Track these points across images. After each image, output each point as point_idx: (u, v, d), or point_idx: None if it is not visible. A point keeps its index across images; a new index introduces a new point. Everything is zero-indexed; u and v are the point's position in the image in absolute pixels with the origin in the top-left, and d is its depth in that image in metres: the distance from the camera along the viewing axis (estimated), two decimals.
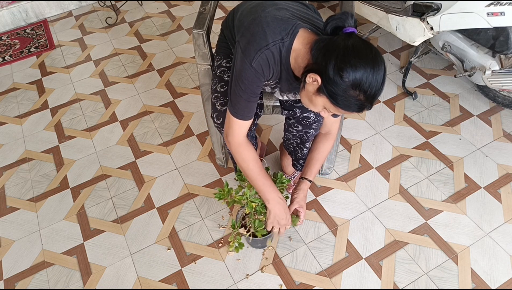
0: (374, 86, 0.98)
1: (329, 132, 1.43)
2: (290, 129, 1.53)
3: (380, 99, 2.18)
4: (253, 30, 1.11)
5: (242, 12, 1.28)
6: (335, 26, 1.02)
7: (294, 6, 1.23)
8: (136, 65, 2.56)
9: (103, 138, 2.13)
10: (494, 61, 1.81)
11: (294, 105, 1.43)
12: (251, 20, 1.15)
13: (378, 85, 0.98)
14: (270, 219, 1.36)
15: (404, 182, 1.82)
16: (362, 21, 2.66)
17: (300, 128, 1.48)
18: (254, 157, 1.27)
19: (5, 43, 2.80)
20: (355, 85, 0.97)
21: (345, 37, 0.99)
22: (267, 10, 1.15)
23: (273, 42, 1.08)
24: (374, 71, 0.96)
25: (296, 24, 1.10)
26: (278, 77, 1.19)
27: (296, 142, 1.59)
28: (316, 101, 1.07)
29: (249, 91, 1.15)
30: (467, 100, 2.14)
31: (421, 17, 1.82)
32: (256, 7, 1.21)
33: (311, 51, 1.05)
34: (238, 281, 1.56)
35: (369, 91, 0.98)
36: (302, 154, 1.65)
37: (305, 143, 1.58)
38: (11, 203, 1.89)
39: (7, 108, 2.35)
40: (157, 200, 1.84)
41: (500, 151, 1.91)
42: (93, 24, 2.93)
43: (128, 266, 1.64)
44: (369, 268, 1.57)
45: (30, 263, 1.68)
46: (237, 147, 1.25)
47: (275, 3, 1.20)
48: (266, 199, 1.30)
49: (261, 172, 1.28)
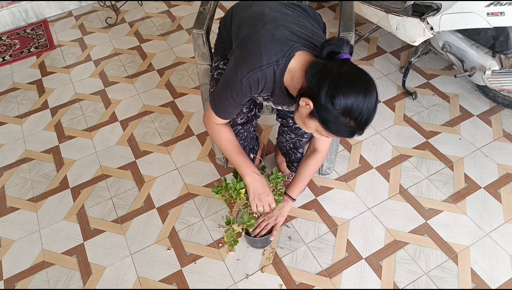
0: (365, 113, 0.99)
1: (319, 150, 1.42)
2: (284, 134, 1.56)
3: (380, 99, 2.18)
4: (250, 47, 1.12)
5: (241, 18, 1.26)
6: (331, 51, 1.03)
7: (294, 21, 1.20)
8: (136, 65, 2.56)
9: (103, 138, 2.13)
10: (494, 61, 1.81)
11: (288, 115, 1.44)
12: (249, 35, 1.15)
13: (370, 112, 1.00)
14: (251, 195, 1.36)
15: (404, 182, 1.82)
16: (362, 21, 2.67)
17: (293, 136, 1.51)
18: (230, 137, 1.30)
19: (5, 43, 2.80)
20: (346, 112, 0.98)
21: (340, 64, 1.00)
22: (266, 27, 1.14)
23: (267, 64, 1.09)
24: (366, 98, 0.98)
25: (293, 47, 1.09)
26: (270, 92, 1.20)
27: (289, 146, 1.62)
28: (308, 123, 1.09)
29: (234, 101, 1.18)
30: (467, 100, 2.14)
31: (421, 17, 1.82)
32: (256, 20, 1.18)
33: (306, 74, 1.06)
34: (238, 281, 1.56)
35: (359, 119, 0.99)
36: (296, 158, 1.69)
37: (298, 149, 1.62)
38: (11, 203, 1.89)
39: (7, 108, 2.35)
40: (157, 200, 1.84)
41: (500, 151, 1.91)
42: (93, 24, 2.93)
43: (128, 266, 1.64)
44: (369, 268, 1.57)
45: (30, 263, 1.68)
46: (213, 128, 1.29)
47: (275, 18, 1.17)
48: (243, 174, 1.33)
49: (237, 150, 1.31)
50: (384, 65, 2.38)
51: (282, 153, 1.73)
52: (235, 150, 1.31)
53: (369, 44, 2.52)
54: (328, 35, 2.61)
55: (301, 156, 1.69)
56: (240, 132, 1.51)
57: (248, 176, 1.32)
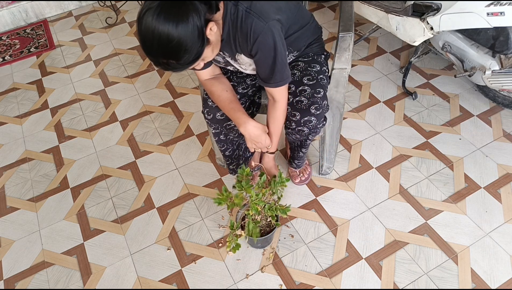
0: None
1: (275, 99, 1.37)
2: (289, 135, 1.54)
3: (380, 99, 2.18)
4: None
5: None
6: None
7: None
8: (136, 65, 2.56)
9: (103, 138, 2.13)
10: (494, 61, 1.81)
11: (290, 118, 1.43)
12: None
13: None
14: (247, 139, 1.43)
15: (404, 182, 1.82)
16: (362, 21, 2.67)
17: (298, 137, 1.49)
18: (223, 88, 1.35)
19: (5, 43, 2.80)
20: None
21: None
22: None
23: None
24: None
25: None
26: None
27: (296, 144, 1.63)
28: None
29: None
30: (467, 100, 2.14)
31: (421, 17, 1.82)
32: None
33: None
34: (238, 281, 1.56)
35: None
36: (298, 156, 1.71)
37: (301, 148, 1.65)
38: (11, 203, 1.89)
39: (7, 108, 2.35)
40: (157, 200, 1.84)
41: (500, 151, 1.91)
42: (93, 24, 2.93)
43: (128, 266, 1.64)
44: (369, 268, 1.57)
45: (30, 263, 1.68)
46: (204, 84, 1.37)
47: None
48: (239, 124, 1.36)
49: (231, 102, 1.35)
50: (384, 65, 2.38)
51: (290, 148, 1.74)
52: (230, 102, 1.35)
53: (369, 44, 2.52)
54: (328, 35, 2.61)
55: (303, 155, 1.70)
56: (240, 134, 1.51)
57: (243, 124, 1.36)
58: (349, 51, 1.43)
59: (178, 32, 0.98)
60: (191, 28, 1.00)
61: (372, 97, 2.20)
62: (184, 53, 1.03)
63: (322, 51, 1.53)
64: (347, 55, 1.43)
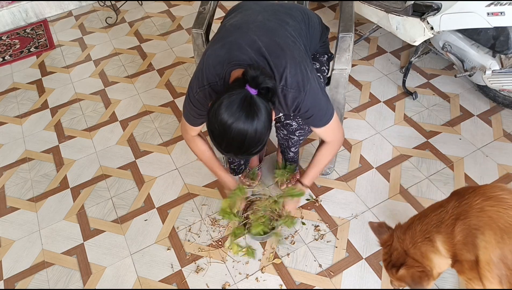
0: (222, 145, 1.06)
1: (326, 141, 1.40)
2: (278, 131, 1.58)
3: (381, 99, 2.18)
4: (200, 64, 1.22)
5: (226, 25, 1.28)
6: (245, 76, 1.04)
7: (268, 27, 1.22)
8: (136, 65, 2.56)
9: (103, 138, 2.13)
10: (494, 61, 1.81)
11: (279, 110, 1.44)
12: (205, 51, 1.24)
13: (225, 145, 1.05)
14: (225, 189, 1.57)
15: (405, 182, 1.82)
16: (362, 21, 2.66)
17: (285, 132, 1.53)
18: (203, 149, 1.45)
19: (5, 43, 2.80)
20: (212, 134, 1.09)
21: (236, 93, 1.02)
22: (229, 39, 1.19)
23: (208, 84, 1.19)
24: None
25: (229, 70, 1.15)
26: None
27: (284, 145, 1.64)
28: None
29: (193, 111, 1.27)
30: (468, 100, 2.14)
31: (421, 17, 1.82)
32: (223, 34, 1.24)
33: None
34: (238, 281, 1.56)
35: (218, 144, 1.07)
36: (289, 157, 1.72)
37: (290, 148, 1.65)
38: (11, 203, 1.89)
39: (7, 108, 2.35)
40: (157, 200, 1.84)
41: (501, 151, 1.91)
42: (93, 24, 2.93)
43: (128, 266, 1.64)
44: (369, 268, 1.57)
45: (30, 263, 1.67)
46: (188, 139, 1.43)
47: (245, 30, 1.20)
48: (218, 176, 1.51)
49: (210, 160, 1.47)
50: (384, 65, 2.38)
51: (281, 150, 1.75)
52: (208, 160, 1.47)
53: (369, 44, 2.52)
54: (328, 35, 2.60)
55: (293, 156, 1.70)
56: None
57: (221, 178, 1.50)
58: (349, 51, 1.43)
59: (255, 128, 1.00)
60: (265, 121, 1.02)
61: (372, 97, 2.20)
62: (259, 144, 1.05)
63: (326, 51, 1.54)
64: (347, 55, 1.43)
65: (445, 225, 1.11)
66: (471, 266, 1.07)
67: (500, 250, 1.01)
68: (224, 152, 1.07)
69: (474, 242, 1.05)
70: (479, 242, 1.03)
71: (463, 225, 1.07)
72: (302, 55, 1.21)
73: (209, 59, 1.19)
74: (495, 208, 1.04)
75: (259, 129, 1.01)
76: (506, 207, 1.03)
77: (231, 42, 1.18)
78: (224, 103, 0.99)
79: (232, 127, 0.99)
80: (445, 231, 1.11)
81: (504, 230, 1.01)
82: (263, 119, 1.01)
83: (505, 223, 1.01)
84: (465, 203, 1.10)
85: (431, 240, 1.14)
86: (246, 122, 0.99)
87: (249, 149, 1.04)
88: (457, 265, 1.13)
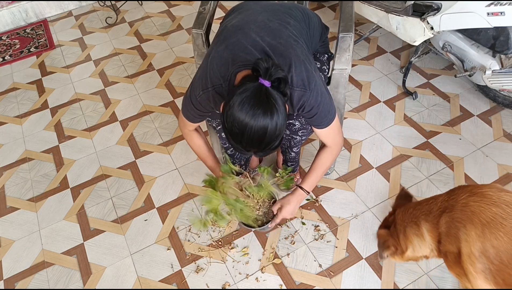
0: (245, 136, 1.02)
1: (326, 144, 1.40)
2: None
3: (381, 99, 2.18)
4: (203, 66, 1.22)
5: (227, 26, 1.27)
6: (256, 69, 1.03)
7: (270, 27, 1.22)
8: (136, 65, 2.56)
9: (103, 138, 2.13)
10: (495, 61, 1.81)
11: None
12: (208, 53, 1.24)
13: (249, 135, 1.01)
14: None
15: (405, 182, 1.82)
16: (362, 21, 2.66)
17: (287, 132, 1.52)
18: (199, 143, 1.46)
19: (5, 43, 2.80)
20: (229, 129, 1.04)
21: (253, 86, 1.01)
22: (232, 40, 1.19)
23: (212, 87, 1.19)
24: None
25: (234, 71, 1.15)
26: None
27: (286, 145, 1.63)
28: None
29: (193, 111, 1.28)
30: (468, 100, 2.14)
31: (421, 17, 1.82)
32: (226, 34, 1.23)
33: None
34: (238, 281, 1.56)
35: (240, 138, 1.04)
36: (290, 157, 1.71)
37: (292, 148, 1.64)
38: (11, 203, 1.89)
39: (7, 108, 2.35)
40: (157, 200, 1.84)
41: (501, 151, 1.91)
42: (93, 24, 2.93)
43: (128, 266, 1.64)
44: (369, 268, 1.57)
45: (30, 263, 1.68)
46: (186, 133, 1.45)
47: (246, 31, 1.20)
48: (213, 172, 1.52)
49: (206, 154, 1.49)
50: (384, 65, 2.38)
51: (282, 151, 1.74)
52: (204, 154, 1.49)
53: (369, 44, 2.52)
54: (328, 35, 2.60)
55: (294, 156, 1.70)
56: None
57: (216, 175, 1.50)
58: (349, 51, 1.43)
59: (275, 121, 1.00)
60: (283, 113, 1.02)
61: (372, 97, 2.20)
62: (278, 138, 1.05)
63: (326, 51, 1.54)
64: (347, 55, 1.43)
65: (432, 215, 1.17)
66: (454, 259, 1.12)
67: (481, 244, 1.04)
68: (243, 151, 1.06)
69: (456, 234, 1.09)
70: (461, 235, 1.08)
71: (447, 218, 1.12)
72: (305, 54, 1.21)
73: (213, 61, 1.19)
74: (478, 203, 1.08)
75: (279, 122, 1.00)
76: (489, 203, 1.07)
77: (234, 43, 1.18)
78: (239, 101, 0.98)
79: (252, 124, 0.98)
80: (432, 221, 1.17)
81: (486, 224, 1.04)
82: (282, 111, 1.00)
83: (486, 218, 1.05)
84: (453, 198, 1.15)
85: (417, 225, 1.21)
86: (265, 117, 0.98)
87: (270, 144, 1.03)
88: (444, 259, 1.18)
